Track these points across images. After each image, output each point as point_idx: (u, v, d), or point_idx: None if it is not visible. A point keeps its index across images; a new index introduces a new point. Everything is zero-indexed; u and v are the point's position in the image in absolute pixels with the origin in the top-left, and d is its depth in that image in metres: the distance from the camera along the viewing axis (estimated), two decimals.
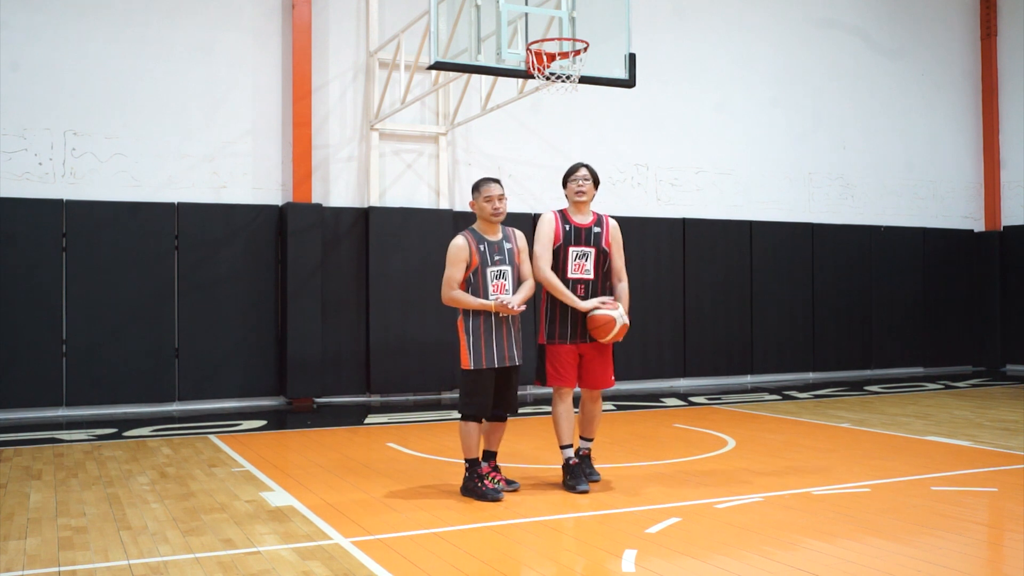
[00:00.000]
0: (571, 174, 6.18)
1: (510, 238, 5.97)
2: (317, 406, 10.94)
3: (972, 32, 15.84)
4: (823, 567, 4.33)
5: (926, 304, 14.93)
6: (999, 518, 5.54)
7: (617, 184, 13.11)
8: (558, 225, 6.06)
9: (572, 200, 6.12)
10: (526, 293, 5.89)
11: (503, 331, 5.82)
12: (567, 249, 6.02)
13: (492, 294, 5.81)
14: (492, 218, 5.87)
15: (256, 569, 4.34)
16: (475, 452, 5.89)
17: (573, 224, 6.07)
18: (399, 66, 10.81)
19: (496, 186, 5.89)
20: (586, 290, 6.03)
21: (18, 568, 4.39)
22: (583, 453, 6.28)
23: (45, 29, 10.40)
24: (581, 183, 6.10)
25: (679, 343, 13.06)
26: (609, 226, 6.17)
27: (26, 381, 9.96)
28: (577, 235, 6.05)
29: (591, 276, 6.05)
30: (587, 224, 6.10)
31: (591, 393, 6.23)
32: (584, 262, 6.03)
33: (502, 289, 5.82)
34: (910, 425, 8.97)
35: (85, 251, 10.23)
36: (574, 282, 6.02)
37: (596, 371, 6.11)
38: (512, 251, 5.92)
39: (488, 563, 4.44)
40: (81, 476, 6.65)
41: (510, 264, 5.88)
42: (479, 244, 5.85)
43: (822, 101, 14.57)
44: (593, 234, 6.08)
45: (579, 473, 6.06)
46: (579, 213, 6.14)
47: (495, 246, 5.88)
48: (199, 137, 10.98)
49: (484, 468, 5.91)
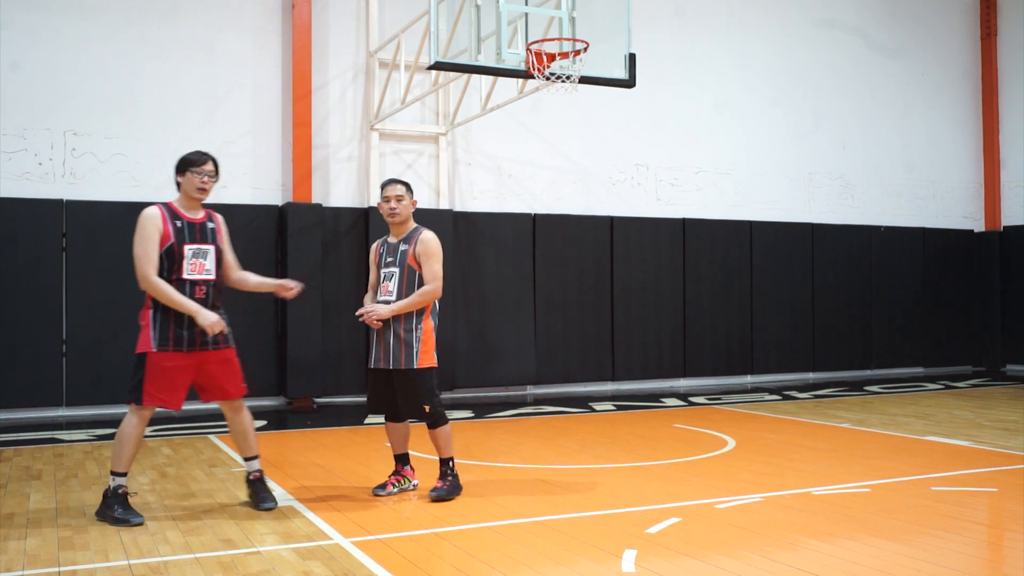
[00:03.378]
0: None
1: (411, 240, 5.82)
2: (317, 406, 10.94)
3: (972, 32, 15.84)
4: (823, 567, 4.33)
5: (926, 304, 14.94)
6: (999, 518, 5.54)
7: (617, 184, 13.11)
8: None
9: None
10: (405, 303, 5.70)
11: (380, 332, 5.78)
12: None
13: (380, 295, 5.83)
14: (388, 219, 5.85)
15: (256, 569, 4.34)
16: (392, 448, 6.03)
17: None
18: (399, 66, 10.81)
19: (395, 187, 5.83)
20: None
21: (18, 568, 4.39)
22: (254, 476, 5.71)
23: (45, 29, 10.40)
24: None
25: (679, 343, 13.06)
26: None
27: (26, 381, 9.96)
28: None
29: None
30: None
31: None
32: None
33: (385, 291, 5.79)
34: (910, 425, 8.97)
35: (85, 251, 10.23)
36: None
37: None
38: (405, 252, 5.79)
39: (488, 563, 4.44)
40: (81, 476, 6.66)
41: (399, 266, 5.77)
42: (381, 246, 5.94)
43: (822, 101, 14.57)
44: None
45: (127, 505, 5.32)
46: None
47: (390, 248, 5.86)
48: (199, 137, 10.97)
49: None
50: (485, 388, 12.01)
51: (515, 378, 12.04)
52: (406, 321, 5.76)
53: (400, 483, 5.97)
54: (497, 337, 11.89)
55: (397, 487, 5.95)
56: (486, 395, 11.96)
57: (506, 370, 11.95)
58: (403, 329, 5.74)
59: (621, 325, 12.65)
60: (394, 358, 5.75)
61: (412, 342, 5.75)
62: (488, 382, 11.94)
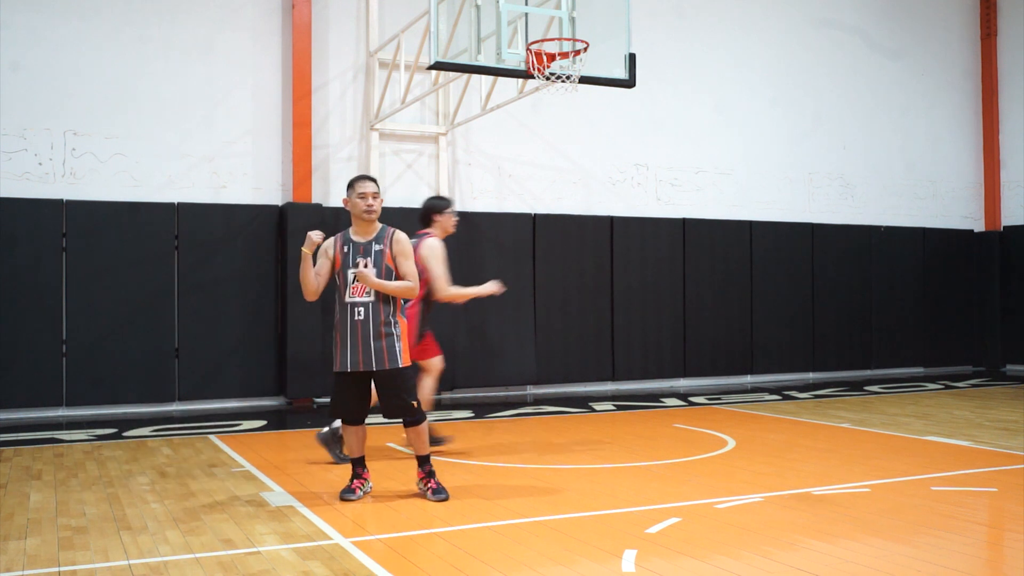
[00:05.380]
0: (449, 205, 6.84)
1: (384, 239, 5.74)
2: (317, 406, 10.94)
3: (972, 32, 15.84)
4: (823, 567, 4.33)
5: (926, 304, 14.93)
6: (999, 518, 5.54)
7: (617, 184, 13.11)
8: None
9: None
10: (392, 285, 5.64)
11: (358, 334, 5.64)
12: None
13: (349, 296, 5.65)
14: (364, 215, 5.71)
15: (256, 569, 4.34)
16: (352, 452, 5.94)
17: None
18: (399, 66, 10.81)
19: (371, 184, 5.77)
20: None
21: (18, 568, 4.39)
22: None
23: (45, 29, 10.40)
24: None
25: (679, 343, 13.06)
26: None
27: (26, 381, 9.96)
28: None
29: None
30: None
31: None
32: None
33: (360, 292, 5.64)
34: (910, 425, 8.97)
35: (85, 251, 10.23)
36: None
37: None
38: (381, 252, 5.70)
39: (488, 563, 4.44)
40: (81, 476, 6.65)
41: (376, 266, 5.66)
42: (344, 245, 5.74)
43: (822, 101, 14.57)
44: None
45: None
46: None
47: (360, 247, 5.71)
48: (199, 137, 10.98)
49: (419, 473, 5.92)
50: (485, 388, 12.01)
51: (515, 378, 12.04)
52: (385, 319, 5.66)
53: (364, 486, 5.91)
54: (497, 337, 11.89)
55: (363, 490, 5.90)
56: (486, 395, 11.96)
57: (506, 370, 11.95)
58: (383, 328, 5.66)
59: (621, 325, 12.65)
60: (376, 359, 5.64)
61: (394, 341, 5.69)
62: (488, 382, 11.94)
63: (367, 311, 5.64)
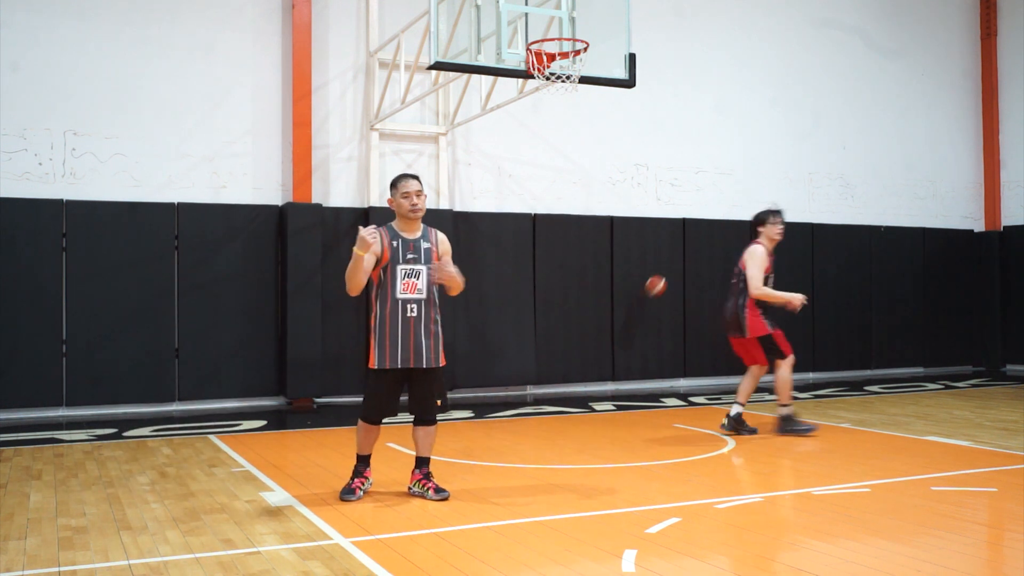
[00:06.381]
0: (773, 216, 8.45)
1: (429, 237, 5.80)
2: (317, 406, 10.94)
3: (972, 32, 15.84)
4: (823, 567, 4.33)
5: (926, 304, 14.93)
6: (999, 518, 5.54)
7: (617, 184, 13.11)
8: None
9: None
10: (461, 281, 5.66)
11: (410, 331, 5.67)
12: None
13: (401, 292, 5.66)
14: (410, 214, 5.73)
15: (256, 569, 4.34)
16: (363, 449, 5.91)
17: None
18: (399, 66, 10.81)
19: (414, 182, 5.78)
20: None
21: (18, 568, 4.39)
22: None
23: (45, 29, 10.40)
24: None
25: (679, 343, 13.06)
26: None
27: (26, 381, 9.96)
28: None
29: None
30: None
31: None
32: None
33: (413, 289, 5.67)
34: (910, 425, 8.97)
35: (85, 251, 10.23)
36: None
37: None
38: (430, 251, 5.75)
39: (488, 563, 4.44)
40: (81, 476, 6.66)
41: (425, 263, 5.70)
42: (392, 240, 5.72)
43: (822, 101, 14.57)
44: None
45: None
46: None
47: (410, 244, 5.73)
48: (199, 137, 10.98)
49: (415, 475, 5.89)
50: (485, 388, 12.01)
51: (515, 378, 12.04)
52: (434, 317, 5.74)
53: (364, 485, 5.92)
54: (497, 337, 11.89)
55: (363, 490, 5.91)
56: (486, 395, 11.96)
57: (506, 370, 11.94)
58: (432, 326, 5.72)
59: (621, 325, 12.65)
60: (427, 356, 5.69)
61: (440, 339, 5.78)
62: (488, 382, 11.93)
63: (419, 308, 5.69)
